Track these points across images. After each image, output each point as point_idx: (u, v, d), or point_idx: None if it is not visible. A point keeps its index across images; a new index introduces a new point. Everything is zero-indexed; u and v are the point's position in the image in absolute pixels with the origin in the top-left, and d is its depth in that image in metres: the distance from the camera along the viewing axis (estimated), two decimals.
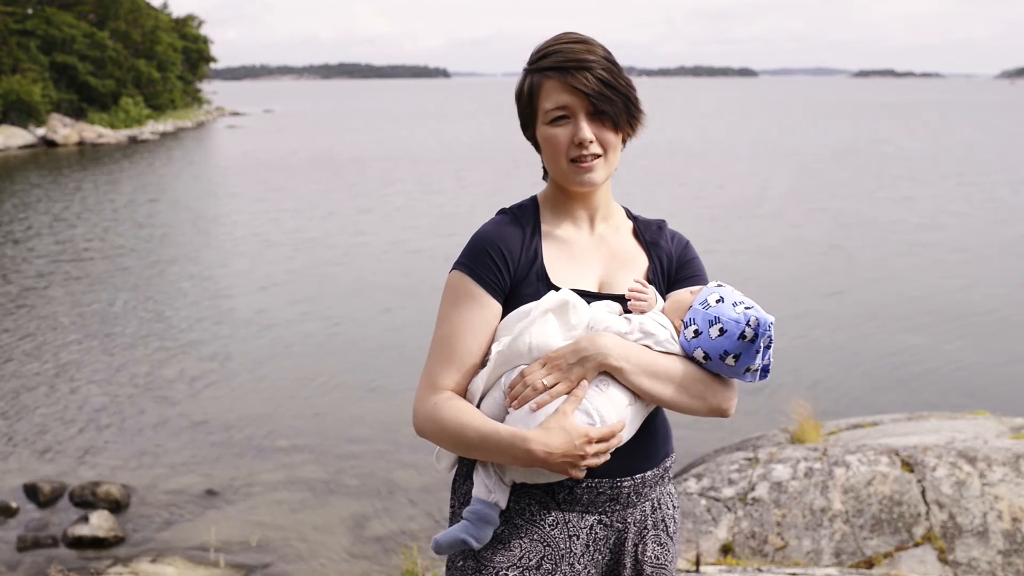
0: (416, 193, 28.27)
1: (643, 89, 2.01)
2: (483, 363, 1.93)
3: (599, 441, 1.81)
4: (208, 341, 12.98)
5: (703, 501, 5.19)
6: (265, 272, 17.34)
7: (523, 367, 1.89)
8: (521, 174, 30.81)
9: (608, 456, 1.85)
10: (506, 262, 1.94)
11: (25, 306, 14.96)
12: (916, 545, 4.74)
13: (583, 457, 1.80)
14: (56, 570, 6.68)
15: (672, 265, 2.07)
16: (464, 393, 1.93)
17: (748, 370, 1.88)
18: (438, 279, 2.02)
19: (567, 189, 2.00)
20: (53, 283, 16.54)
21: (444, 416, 1.87)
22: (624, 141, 1.99)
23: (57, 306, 14.93)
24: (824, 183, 29.48)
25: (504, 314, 1.94)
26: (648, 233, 2.08)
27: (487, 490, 1.89)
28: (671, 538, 2.03)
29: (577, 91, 1.88)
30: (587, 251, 2.01)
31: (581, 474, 1.82)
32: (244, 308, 14.73)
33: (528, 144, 2.06)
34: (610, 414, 1.84)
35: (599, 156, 1.93)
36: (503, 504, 1.90)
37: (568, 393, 1.84)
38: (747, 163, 36.71)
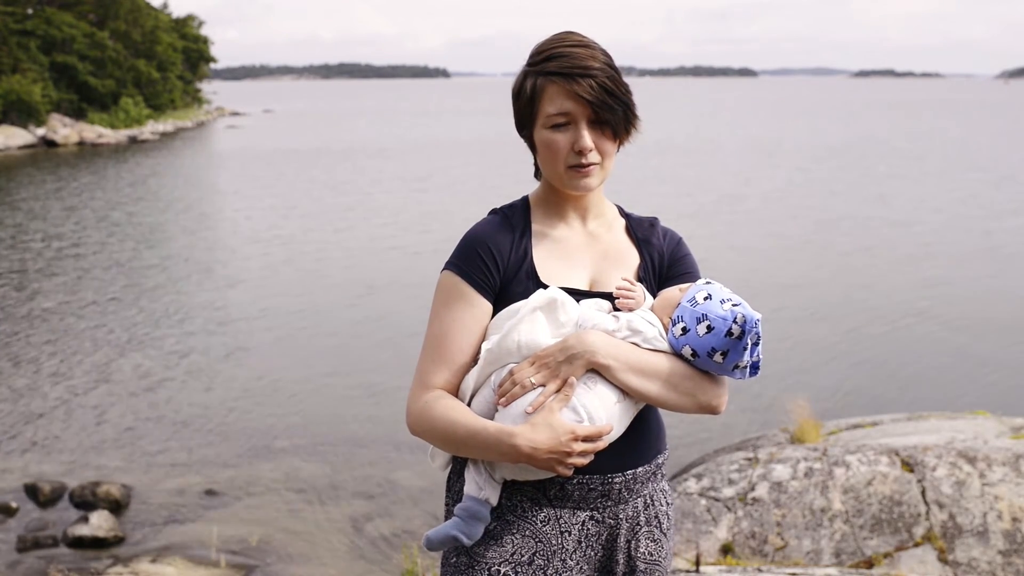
0: (406, 191, 28.47)
1: (643, 89, 2.01)
2: (474, 362, 1.95)
3: (586, 439, 1.82)
4: (208, 341, 12.99)
5: (703, 501, 5.18)
6: (262, 272, 17.35)
7: (512, 366, 1.89)
8: (508, 173, 30.91)
9: (592, 456, 1.85)
10: (496, 262, 1.95)
11: (23, 306, 14.96)
12: (916, 545, 4.74)
13: (569, 454, 1.80)
14: (56, 570, 6.68)
15: (664, 262, 2.08)
16: (456, 392, 1.94)
17: (737, 367, 1.89)
18: (433, 278, 2.03)
19: (560, 190, 2.01)
20: (49, 282, 16.54)
21: (434, 414, 1.89)
22: (619, 146, 2.00)
23: (54, 306, 14.93)
24: (815, 182, 29.55)
25: (494, 313, 1.96)
26: (640, 231, 2.10)
27: (478, 487, 1.90)
28: (664, 535, 2.04)
29: (581, 99, 1.89)
30: (578, 249, 2.03)
31: (568, 472, 1.83)
32: (243, 309, 14.73)
33: (513, 143, 2.06)
34: (598, 412, 1.85)
35: (596, 164, 1.94)
36: (494, 501, 1.91)
37: (558, 391, 1.85)
38: (735, 161, 36.97)
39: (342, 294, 15.58)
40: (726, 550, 4.89)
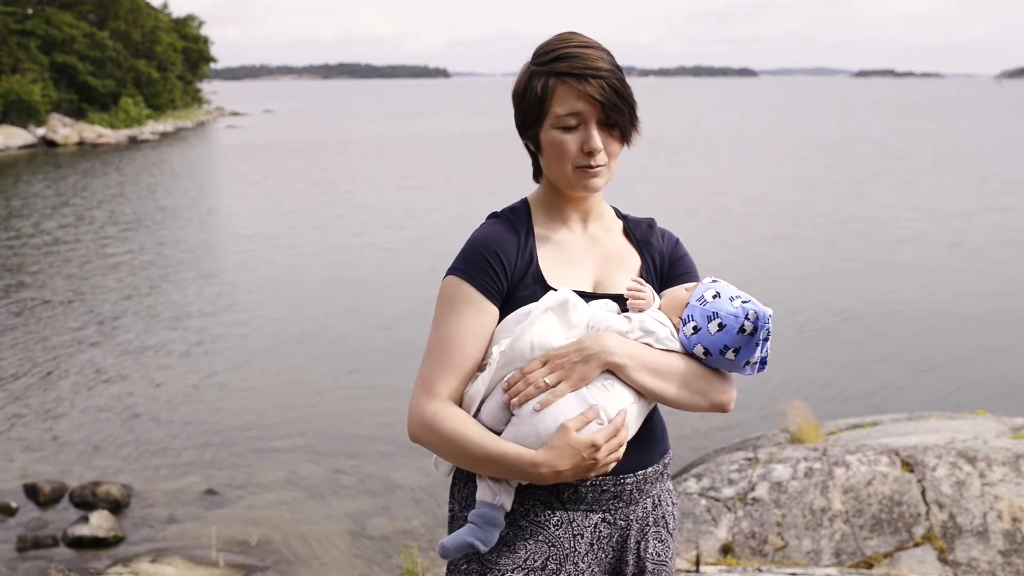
0: (392, 189, 28.67)
1: (642, 89, 2.02)
2: (479, 368, 1.93)
3: (608, 440, 1.83)
4: (207, 342, 12.99)
5: (703, 501, 5.18)
6: (260, 273, 17.35)
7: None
8: (497, 172, 30.97)
9: (623, 451, 1.87)
10: (503, 266, 1.94)
11: (16, 305, 14.96)
12: (916, 545, 4.74)
13: (596, 463, 1.82)
14: (56, 570, 6.68)
15: (664, 263, 2.09)
16: (460, 399, 1.92)
17: (748, 363, 1.90)
18: (436, 281, 2.03)
19: (562, 192, 2.01)
20: (49, 284, 16.54)
21: (445, 428, 1.86)
22: (622, 148, 2.00)
23: (57, 308, 14.93)
24: (807, 180, 29.58)
25: (499, 318, 1.94)
26: (639, 232, 2.10)
27: (492, 493, 1.89)
28: (671, 535, 2.05)
29: (592, 99, 1.88)
30: (580, 252, 2.02)
31: (608, 469, 1.85)
32: (241, 309, 14.73)
33: (504, 141, 2.05)
34: (615, 412, 1.85)
35: (603, 165, 1.94)
36: (508, 506, 1.90)
37: (571, 391, 1.85)
38: (724, 160, 37.25)
39: (340, 293, 15.58)
40: (726, 550, 4.89)
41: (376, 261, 18.08)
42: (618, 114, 1.91)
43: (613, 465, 1.86)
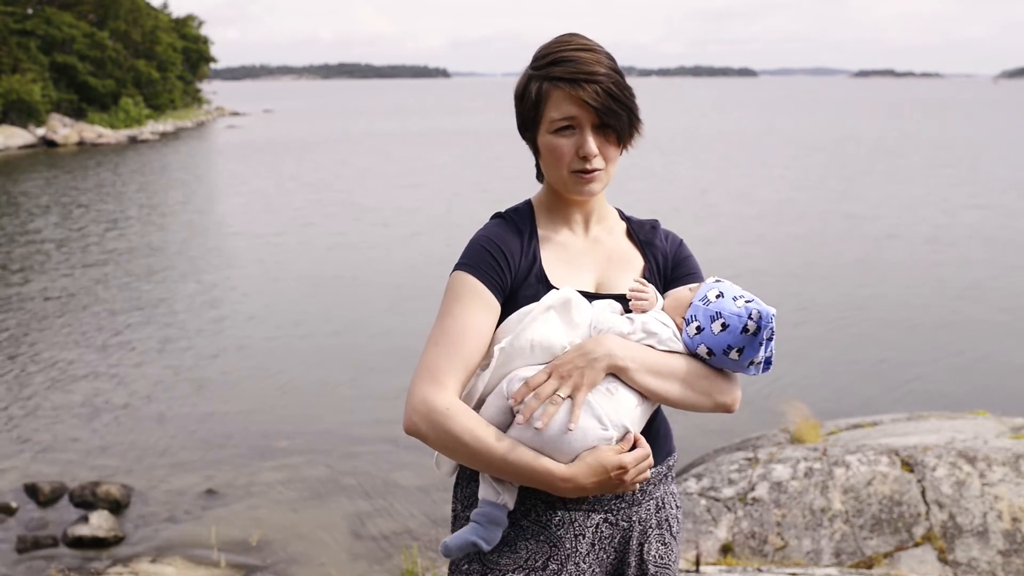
0: (386, 189, 28.72)
1: (642, 89, 2.02)
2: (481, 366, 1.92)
3: (638, 464, 1.84)
4: (208, 341, 12.99)
5: (703, 501, 5.19)
6: (262, 274, 17.34)
7: (522, 372, 1.86)
8: (488, 172, 31.02)
9: (649, 473, 1.89)
10: (508, 263, 1.94)
11: (21, 307, 14.96)
12: (916, 545, 4.74)
13: (622, 483, 1.83)
14: (56, 570, 6.68)
15: (668, 264, 2.08)
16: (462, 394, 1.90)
17: (752, 363, 1.89)
18: (421, 278, 2.01)
19: (564, 194, 2.01)
20: (50, 285, 16.53)
21: (458, 428, 1.81)
22: (622, 151, 2.00)
23: (53, 307, 14.93)
24: (809, 182, 29.59)
25: (501, 319, 1.93)
26: (642, 233, 2.10)
27: (495, 492, 1.88)
28: (674, 538, 2.04)
29: (586, 104, 1.88)
30: (583, 253, 2.02)
31: (635, 488, 1.87)
32: (243, 309, 14.73)
33: (498, 141, 2.05)
34: (619, 418, 1.84)
35: (600, 169, 1.94)
36: (511, 505, 1.89)
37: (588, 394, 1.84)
38: (717, 159, 37.43)
39: (338, 293, 15.58)
40: (726, 550, 4.89)
41: (364, 259, 18.09)
42: (613, 118, 1.90)
43: (647, 477, 1.88)
